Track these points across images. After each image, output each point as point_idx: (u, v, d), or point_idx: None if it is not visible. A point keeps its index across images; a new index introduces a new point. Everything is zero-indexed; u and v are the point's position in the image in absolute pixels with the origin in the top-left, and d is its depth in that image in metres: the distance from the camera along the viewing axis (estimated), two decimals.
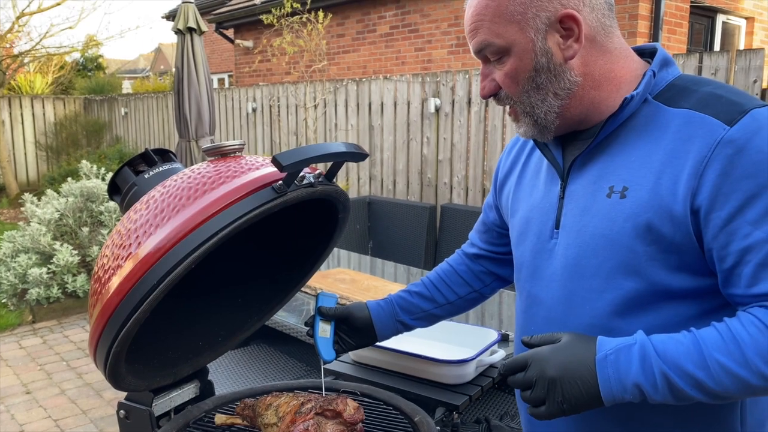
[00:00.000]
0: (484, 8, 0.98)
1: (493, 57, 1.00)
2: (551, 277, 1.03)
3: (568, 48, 0.96)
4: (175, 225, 1.02)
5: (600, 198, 0.96)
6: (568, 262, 1.00)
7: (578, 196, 1.00)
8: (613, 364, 0.86)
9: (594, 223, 0.96)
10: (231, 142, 1.20)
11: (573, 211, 1.01)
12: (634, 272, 0.92)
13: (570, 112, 0.99)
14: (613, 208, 0.94)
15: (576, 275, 0.99)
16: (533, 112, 0.99)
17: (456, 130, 4.78)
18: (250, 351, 2.91)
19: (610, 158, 0.98)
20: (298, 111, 6.36)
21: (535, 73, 0.97)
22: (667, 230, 0.89)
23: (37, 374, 3.86)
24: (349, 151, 1.15)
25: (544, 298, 1.05)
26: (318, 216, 1.36)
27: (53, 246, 4.88)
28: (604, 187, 0.96)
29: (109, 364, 1.08)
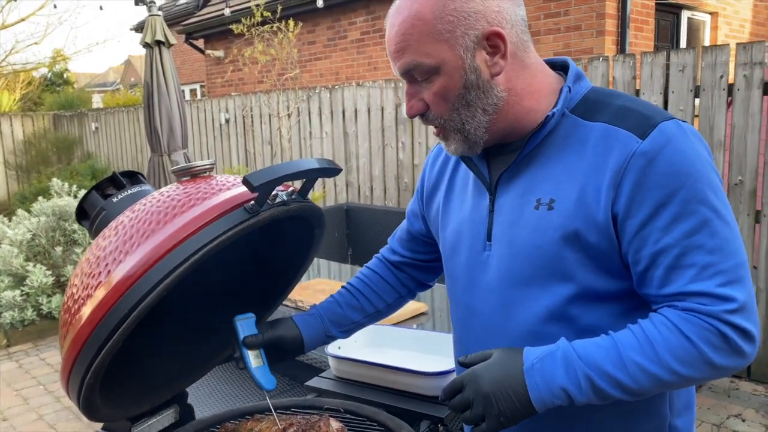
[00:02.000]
0: (410, 28, 0.98)
1: (421, 77, 1.00)
2: (487, 287, 1.06)
3: (494, 65, 0.98)
4: (145, 251, 1.00)
5: (528, 210, 1.01)
6: (502, 273, 1.04)
7: (507, 210, 1.04)
8: (540, 371, 0.91)
9: (524, 234, 1.01)
10: (201, 163, 1.17)
11: (503, 224, 1.04)
12: (567, 278, 0.97)
13: (497, 127, 1.02)
14: (542, 220, 0.98)
15: (511, 284, 1.03)
16: (463, 128, 1.01)
17: (430, 134, 4.79)
18: (230, 367, 2.87)
19: (535, 172, 1.02)
20: (272, 120, 6.32)
21: (464, 90, 0.99)
22: (593, 237, 0.95)
23: (13, 400, 3.77)
24: (322, 167, 1.13)
25: (481, 308, 1.08)
26: (294, 231, 1.34)
27: (26, 267, 4.78)
28: (532, 200, 1.01)
29: (83, 396, 1.04)
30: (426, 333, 1.73)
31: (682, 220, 0.90)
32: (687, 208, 0.90)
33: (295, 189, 1.17)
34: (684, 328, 0.89)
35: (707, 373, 0.91)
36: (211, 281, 1.37)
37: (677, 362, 0.89)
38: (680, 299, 0.91)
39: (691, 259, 0.90)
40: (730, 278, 0.90)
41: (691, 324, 0.89)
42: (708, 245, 0.90)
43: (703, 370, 0.90)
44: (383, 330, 1.77)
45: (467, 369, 0.97)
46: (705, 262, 0.90)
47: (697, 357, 0.89)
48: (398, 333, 1.76)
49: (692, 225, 0.90)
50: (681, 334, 0.89)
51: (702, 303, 0.90)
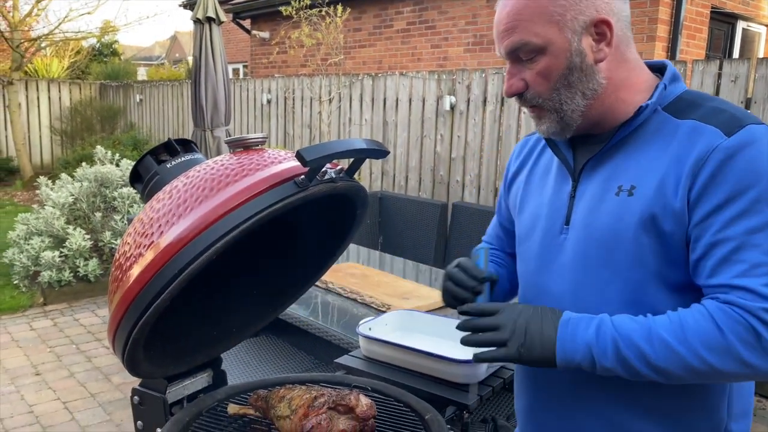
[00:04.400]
0: (524, 8, 1.03)
1: (526, 56, 1.04)
2: (560, 270, 1.10)
3: (599, 51, 1.03)
4: (197, 216, 1.03)
5: (609, 197, 1.04)
6: (577, 256, 1.07)
7: (588, 195, 1.08)
8: (573, 325, 0.98)
9: (602, 219, 1.04)
10: (254, 135, 1.20)
11: (583, 209, 1.08)
12: (640, 264, 1.00)
13: (591, 113, 1.06)
14: (621, 205, 1.02)
15: (585, 267, 1.06)
16: (561, 109, 1.05)
17: (470, 128, 4.78)
18: (260, 342, 2.93)
19: (620, 161, 1.05)
20: (313, 104, 6.37)
21: (568, 71, 1.03)
22: (668, 225, 0.98)
23: (47, 356, 3.90)
24: (370, 148, 1.15)
25: (553, 289, 1.11)
26: (336, 211, 1.36)
27: (66, 230, 4.92)
28: (613, 186, 1.04)
29: (128, 351, 1.09)
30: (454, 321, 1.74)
31: (747, 217, 0.92)
32: (755, 207, 0.92)
33: (343, 168, 1.19)
34: (717, 318, 0.92)
35: (737, 368, 0.91)
36: (255, 252, 1.41)
37: (704, 348, 0.91)
38: (724, 291, 0.93)
39: (744, 255, 0.92)
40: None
41: (726, 315, 0.91)
42: (765, 246, 0.92)
43: (731, 363, 0.91)
44: (414, 315, 1.79)
45: None
46: (758, 260, 0.92)
47: (724, 347, 0.90)
48: (428, 319, 1.78)
49: (756, 223, 0.92)
50: (713, 322, 0.92)
51: (743, 298, 0.91)
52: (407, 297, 2.63)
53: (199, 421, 1.28)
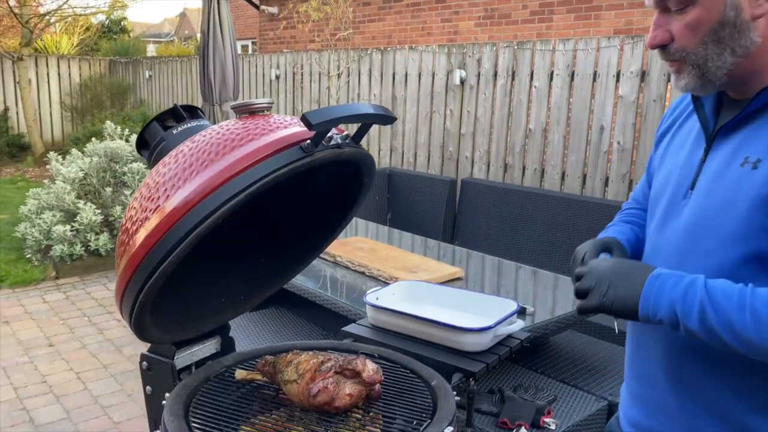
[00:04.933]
0: None
1: (675, 6, 0.98)
2: (674, 232, 1.07)
3: (759, 6, 0.95)
4: (203, 180, 1.03)
5: (734, 166, 0.99)
6: (691, 221, 1.04)
7: (716, 162, 1.03)
8: (663, 281, 0.95)
9: (722, 188, 1.00)
10: (260, 100, 1.20)
11: (708, 176, 1.04)
12: (747, 240, 0.95)
13: (739, 72, 0.99)
14: (742, 177, 0.97)
15: (695, 234, 1.03)
16: (705, 65, 0.99)
17: (480, 103, 4.73)
18: (268, 313, 2.95)
19: (754, 130, 0.99)
20: (321, 79, 6.33)
21: (719, 26, 0.96)
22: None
23: (59, 328, 3.95)
24: (377, 113, 1.14)
25: (665, 249, 1.09)
26: (343, 179, 1.36)
27: (77, 204, 4.95)
28: (740, 156, 0.99)
29: (135, 314, 1.10)
30: (462, 291, 1.74)
31: None
32: None
33: (349, 134, 1.19)
34: None
35: None
36: (260, 218, 1.41)
37: None
38: None
39: None
40: None
41: None
42: None
43: None
44: (420, 285, 1.80)
45: None
46: None
47: None
48: (435, 289, 1.78)
49: None
50: None
51: None
52: (415, 270, 2.63)
53: (207, 386, 1.29)
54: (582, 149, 4.08)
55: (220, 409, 1.20)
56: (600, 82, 3.94)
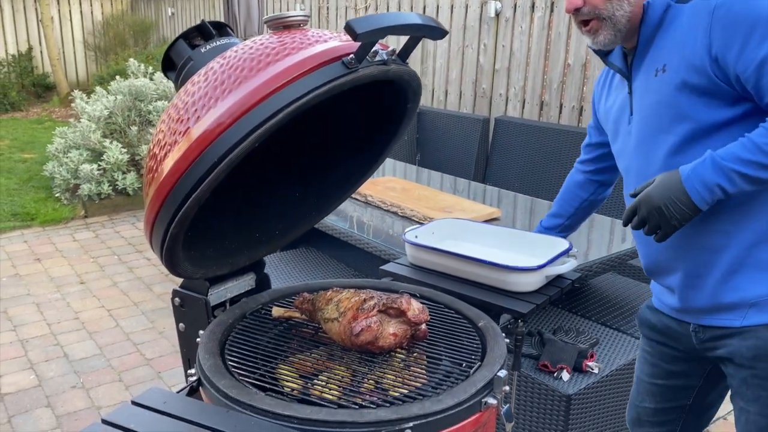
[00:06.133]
0: None
1: None
2: (632, 147, 1.32)
3: None
4: (236, 99, 0.93)
5: (651, 80, 1.26)
6: (641, 131, 1.30)
7: (638, 87, 1.30)
8: (695, 177, 1.14)
9: (650, 96, 1.26)
10: (295, 12, 1.08)
11: (637, 98, 1.31)
12: (684, 117, 1.20)
13: (632, 20, 1.25)
14: (660, 81, 1.23)
15: (646, 136, 1.28)
16: (614, 16, 1.24)
17: (516, 36, 4.50)
18: (298, 253, 2.90)
19: (652, 54, 1.27)
20: (348, 14, 6.09)
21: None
22: (696, 80, 1.17)
23: (90, 266, 3.97)
24: (427, 23, 1.02)
25: (631, 166, 1.34)
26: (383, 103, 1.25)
27: (103, 143, 4.91)
28: (652, 72, 1.26)
29: (166, 246, 1.02)
30: (506, 229, 1.64)
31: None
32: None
33: (395, 50, 1.07)
34: None
35: None
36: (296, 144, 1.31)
37: None
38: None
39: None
40: None
41: None
42: None
43: None
44: (461, 223, 1.70)
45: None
46: None
47: None
48: (476, 227, 1.68)
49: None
50: None
51: None
52: (450, 210, 2.53)
53: (243, 324, 1.23)
54: None
55: (257, 347, 1.14)
56: None
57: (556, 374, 1.84)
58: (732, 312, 1.25)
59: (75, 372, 2.77)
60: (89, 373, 2.75)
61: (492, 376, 1.00)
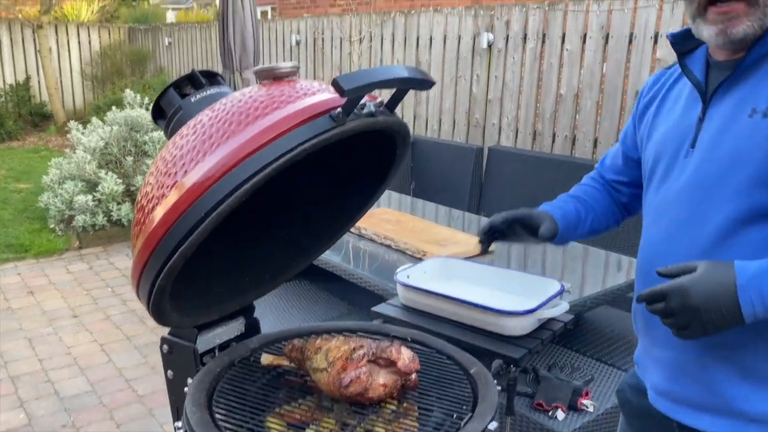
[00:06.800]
0: None
1: None
2: (680, 188, 1.07)
3: None
4: (224, 153, 0.93)
5: (741, 118, 1.00)
6: (698, 174, 1.04)
7: (718, 117, 1.04)
8: (756, 288, 0.90)
9: (731, 140, 1.00)
10: (285, 64, 1.09)
11: (711, 131, 1.04)
12: (764, 184, 0.95)
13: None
14: (754, 126, 0.97)
15: (705, 184, 1.03)
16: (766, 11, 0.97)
17: (509, 67, 4.55)
18: (292, 287, 2.89)
19: (755, 83, 1.00)
20: (343, 44, 6.16)
21: None
22: None
23: (83, 299, 3.95)
24: (415, 77, 1.03)
25: (671, 208, 1.09)
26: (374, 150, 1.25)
27: (98, 174, 4.92)
28: (747, 108, 0.99)
29: (153, 298, 1.02)
30: (499, 269, 1.64)
31: None
32: None
33: (383, 101, 1.08)
34: None
35: None
36: (287, 193, 1.32)
37: None
38: None
39: None
40: None
41: None
42: None
43: None
44: (454, 262, 1.70)
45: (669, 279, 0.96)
46: None
47: None
48: (469, 266, 1.68)
49: None
50: None
51: None
52: (443, 243, 2.53)
53: (232, 372, 1.22)
54: (616, 115, 3.91)
55: (245, 398, 1.13)
56: (636, 45, 3.75)
57: (551, 413, 1.83)
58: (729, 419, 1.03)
59: (66, 410, 2.73)
60: (80, 412, 2.72)
61: (482, 428, 0.99)
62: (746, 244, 0.98)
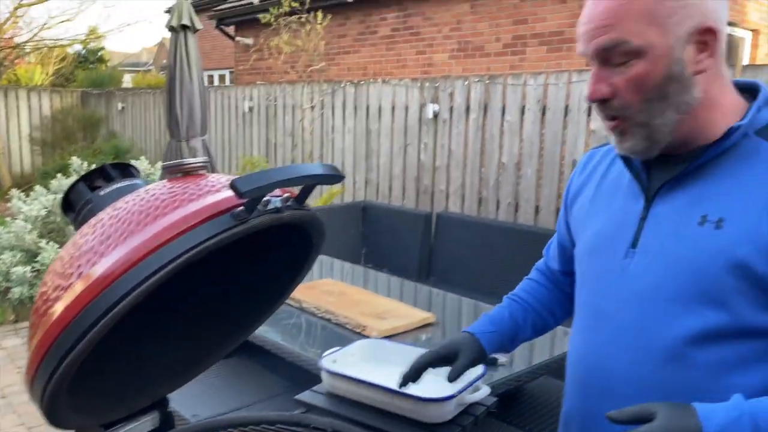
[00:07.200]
0: (627, 4, 0.91)
1: (619, 59, 0.94)
2: (627, 297, 1.00)
3: (700, 62, 0.93)
4: (120, 254, 0.92)
5: (691, 225, 0.94)
6: (649, 285, 0.97)
7: (664, 220, 0.98)
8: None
9: (682, 250, 0.94)
10: (193, 159, 1.09)
11: (657, 234, 0.98)
12: (720, 304, 0.90)
13: (681, 130, 0.96)
14: (708, 239, 0.92)
15: (655, 298, 0.96)
16: (650, 123, 0.94)
17: (454, 137, 4.68)
18: (230, 364, 2.81)
19: (704, 186, 0.95)
20: (295, 112, 6.26)
21: (665, 81, 0.92)
22: (763, 268, 0.87)
23: (14, 377, 3.75)
24: (322, 173, 1.04)
25: (616, 315, 1.02)
26: (291, 238, 1.25)
27: (39, 244, 4.77)
28: (696, 215, 0.94)
29: (45, 404, 0.97)
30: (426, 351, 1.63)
31: None
32: None
33: (292, 195, 1.09)
34: None
35: None
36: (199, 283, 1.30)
37: None
38: None
39: None
40: None
41: None
42: None
43: None
44: (383, 345, 1.69)
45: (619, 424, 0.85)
46: None
47: None
48: (399, 349, 1.67)
49: None
50: None
51: None
52: (384, 317, 2.52)
53: None
54: (555, 183, 4.04)
55: None
56: (572, 117, 3.92)
57: None
58: None
59: None
60: None
61: None
62: (702, 366, 0.92)
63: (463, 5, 6.70)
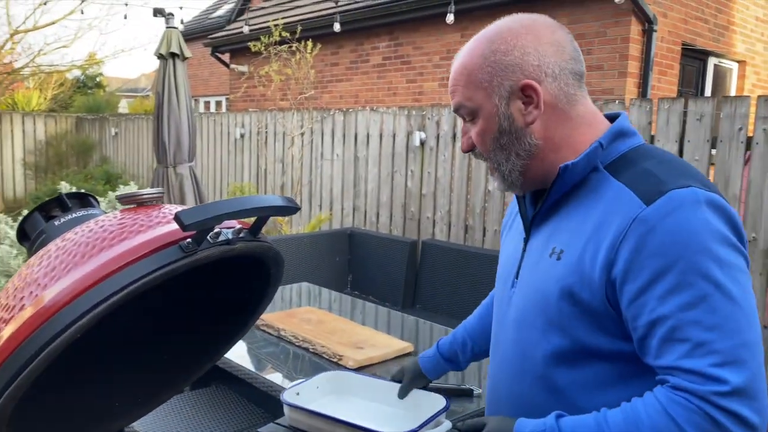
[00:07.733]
0: (460, 73, 1.09)
1: (468, 117, 1.10)
2: (508, 324, 1.13)
3: (528, 114, 1.05)
4: (62, 287, 0.91)
5: (544, 257, 1.06)
6: (518, 313, 1.10)
7: (533, 252, 1.10)
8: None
9: (535, 280, 1.07)
10: (148, 190, 1.09)
11: (527, 266, 1.11)
12: (561, 329, 1.01)
13: (533, 172, 1.08)
14: (551, 268, 1.03)
15: (522, 325, 1.09)
16: (499, 168, 1.09)
17: (440, 164, 4.70)
18: (207, 393, 2.77)
19: (558, 220, 1.07)
20: (285, 139, 6.29)
21: (498, 134, 1.07)
22: (586, 295, 0.97)
23: None
24: (274, 205, 1.05)
25: (503, 341, 1.16)
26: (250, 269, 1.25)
27: None
28: (550, 247, 1.06)
29: None
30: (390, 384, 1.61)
31: (679, 291, 0.89)
32: (685, 280, 0.89)
33: (245, 226, 1.08)
34: (672, 411, 0.88)
35: None
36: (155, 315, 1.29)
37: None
38: (673, 374, 0.90)
39: (685, 334, 0.88)
40: (726, 359, 0.87)
41: (680, 407, 0.88)
42: (705, 322, 0.88)
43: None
44: (348, 377, 1.67)
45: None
46: (700, 339, 0.88)
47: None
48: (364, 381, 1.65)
49: (689, 298, 0.88)
50: (668, 416, 0.88)
51: (692, 381, 0.88)
52: (361, 346, 2.50)
53: None
54: None
55: None
56: None
57: None
58: None
59: None
60: None
61: None
62: (566, 386, 1.02)
63: (453, 35, 6.80)
